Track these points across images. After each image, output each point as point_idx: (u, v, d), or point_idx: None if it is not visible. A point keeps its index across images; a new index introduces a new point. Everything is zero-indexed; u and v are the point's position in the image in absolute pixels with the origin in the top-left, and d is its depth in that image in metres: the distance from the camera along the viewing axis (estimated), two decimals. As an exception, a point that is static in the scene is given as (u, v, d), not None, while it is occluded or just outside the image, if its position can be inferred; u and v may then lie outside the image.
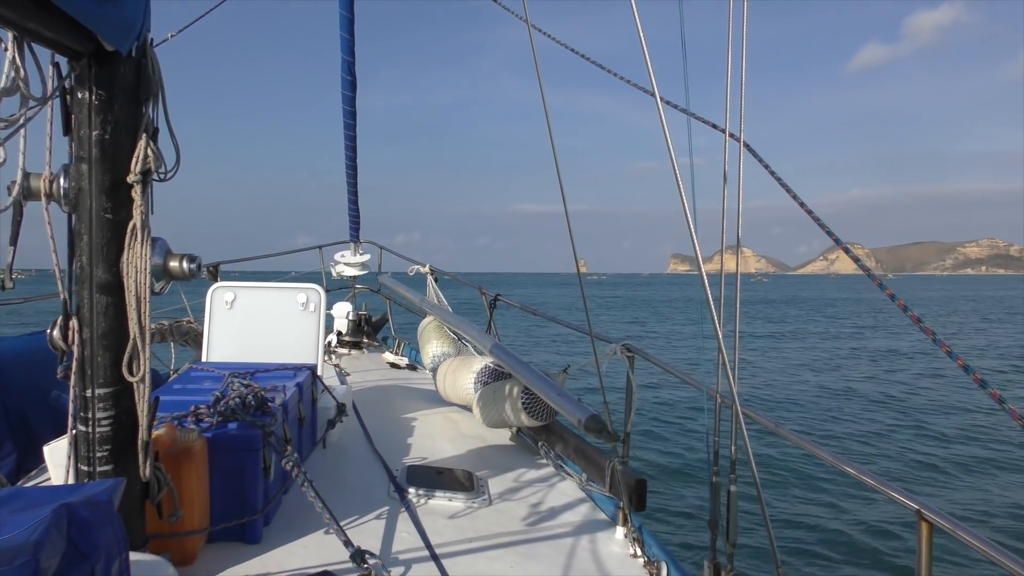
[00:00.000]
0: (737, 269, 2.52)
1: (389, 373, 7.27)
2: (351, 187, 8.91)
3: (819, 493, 9.67)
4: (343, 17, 7.31)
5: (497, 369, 4.83)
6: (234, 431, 2.95)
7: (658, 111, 2.32)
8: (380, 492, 3.61)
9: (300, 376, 3.99)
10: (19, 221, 2.17)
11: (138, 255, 2.19)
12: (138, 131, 2.22)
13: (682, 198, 2.28)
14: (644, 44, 2.26)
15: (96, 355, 2.25)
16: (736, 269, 2.53)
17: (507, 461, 4.30)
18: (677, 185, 2.25)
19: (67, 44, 1.98)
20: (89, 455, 2.29)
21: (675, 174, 2.27)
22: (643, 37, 2.27)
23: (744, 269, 2.58)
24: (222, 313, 5.05)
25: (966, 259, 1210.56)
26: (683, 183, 2.31)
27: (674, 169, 2.28)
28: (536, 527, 3.30)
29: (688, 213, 2.32)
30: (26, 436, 4.15)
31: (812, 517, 8.87)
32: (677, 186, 2.25)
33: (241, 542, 2.93)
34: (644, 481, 3.21)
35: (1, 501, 1.28)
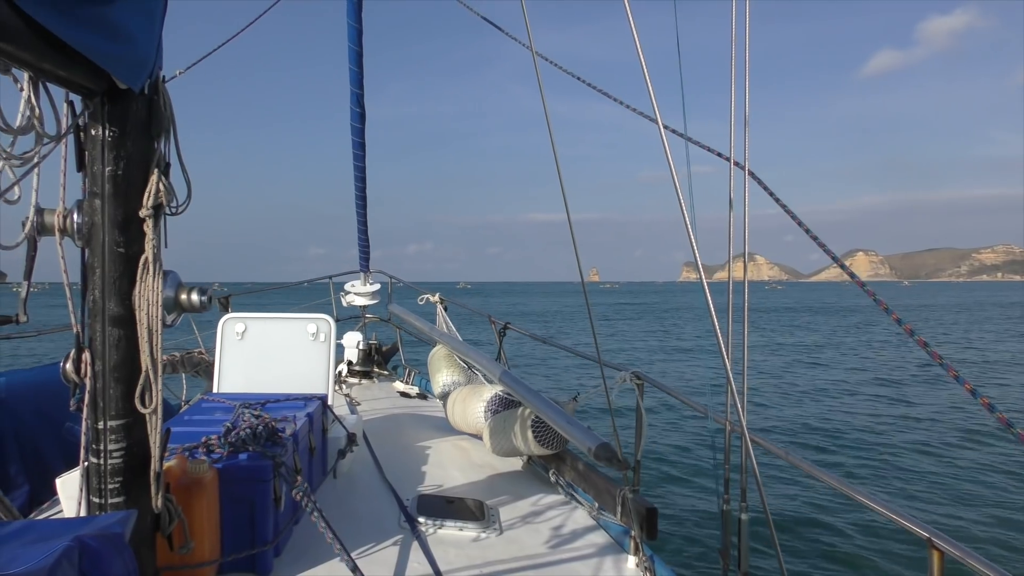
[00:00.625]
0: (746, 297, 2.53)
1: (400, 402, 7.28)
2: (361, 218, 8.97)
3: (830, 519, 9.58)
4: (352, 51, 7.41)
5: (507, 397, 4.83)
6: (245, 462, 2.96)
7: (660, 136, 2.34)
8: (391, 522, 3.61)
9: (311, 406, 4.00)
10: (33, 256, 2.21)
11: (150, 288, 2.22)
12: (150, 166, 2.26)
13: (684, 219, 2.30)
14: (645, 70, 2.29)
15: (108, 387, 2.27)
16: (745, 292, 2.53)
17: (518, 490, 4.29)
18: (680, 208, 2.27)
19: (81, 83, 2.02)
20: (101, 487, 2.30)
21: (679, 198, 2.29)
22: (644, 64, 2.30)
23: (758, 276, 2.61)
24: (233, 344, 5.08)
25: (981, 265, 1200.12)
26: (687, 202, 2.33)
27: (677, 193, 2.30)
28: (548, 556, 3.28)
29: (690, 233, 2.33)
30: (39, 468, 4.17)
31: (823, 543, 8.79)
32: (680, 209, 2.27)
33: (252, 573, 2.93)
34: (655, 509, 3.20)
35: (14, 534, 1.30)
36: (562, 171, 3.02)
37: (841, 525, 9.36)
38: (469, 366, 6.15)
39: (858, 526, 9.28)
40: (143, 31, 2.10)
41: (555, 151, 2.98)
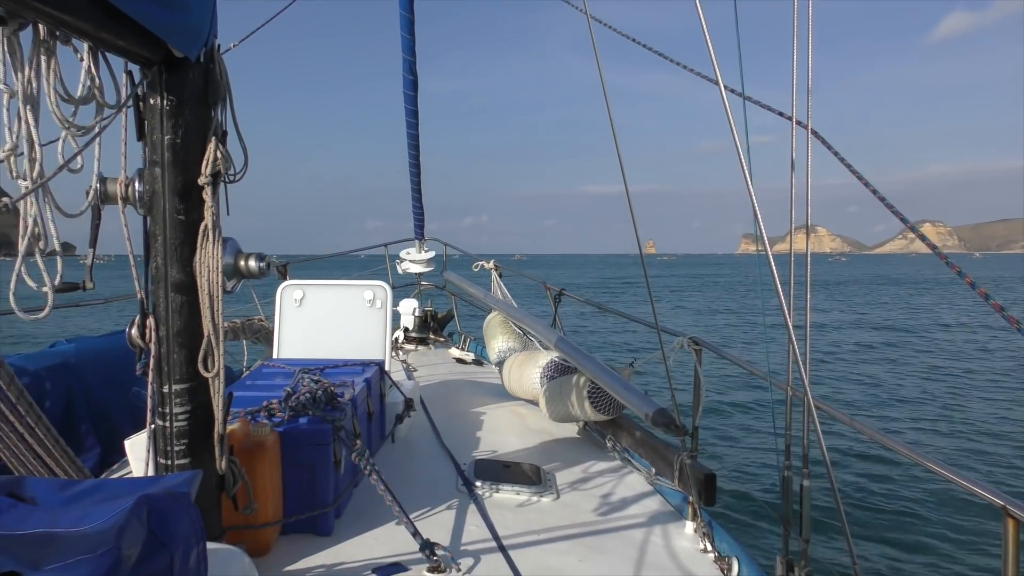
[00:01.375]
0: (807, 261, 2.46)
1: (455, 368, 7.33)
2: (415, 186, 9.00)
3: (896, 487, 9.40)
4: (403, 17, 7.38)
5: (563, 363, 4.83)
6: (305, 426, 3.02)
7: (722, 98, 2.28)
8: (448, 485, 3.65)
9: (368, 372, 4.05)
10: (97, 225, 2.26)
11: (210, 255, 2.26)
12: (207, 134, 2.29)
13: (747, 183, 2.24)
14: (706, 30, 2.23)
15: (172, 352, 2.33)
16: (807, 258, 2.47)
17: (574, 455, 4.30)
18: (743, 171, 2.21)
19: (139, 52, 2.05)
20: (167, 449, 2.37)
21: (740, 161, 2.24)
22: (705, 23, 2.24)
23: (819, 248, 2.55)
24: (291, 311, 5.16)
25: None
26: (747, 166, 2.27)
27: (739, 155, 2.24)
28: (604, 521, 3.29)
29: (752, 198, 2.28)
30: (108, 432, 4.31)
31: (888, 512, 8.63)
32: (743, 172, 2.21)
33: (313, 534, 2.99)
34: (713, 475, 3.18)
35: (85, 492, 1.34)
36: (619, 142, 2.97)
37: (907, 492, 9.19)
38: (524, 332, 6.16)
39: (926, 494, 9.09)
40: (197, 0, 2.12)
41: (612, 120, 2.93)
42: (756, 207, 2.24)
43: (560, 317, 6.34)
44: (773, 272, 2.25)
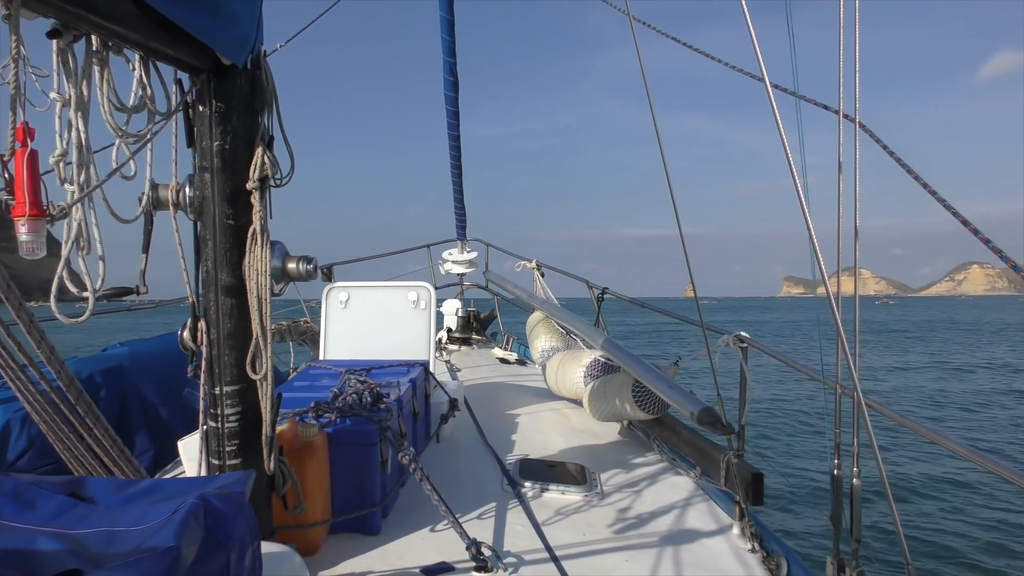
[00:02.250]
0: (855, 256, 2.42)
1: (499, 368, 7.35)
2: (456, 186, 9.05)
3: (950, 487, 9.21)
4: (443, 19, 7.43)
5: (607, 363, 4.82)
6: (352, 426, 3.05)
7: (768, 97, 2.25)
8: (493, 485, 3.66)
9: (413, 372, 4.08)
10: (150, 230, 2.31)
11: (258, 258, 2.29)
12: (255, 140, 2.33)
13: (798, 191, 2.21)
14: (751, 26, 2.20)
15: (223, 354, 2.37)
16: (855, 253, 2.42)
17: (619, 455, 4.28)
18: (792, 175, 2.18)
19: (188, 61, 2.09)
20: (219, 449, 2.41)
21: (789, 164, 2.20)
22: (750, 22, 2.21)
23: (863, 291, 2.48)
24: (337, 312, 5.22)
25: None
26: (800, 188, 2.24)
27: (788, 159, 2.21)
28: (650, 521, 3.27)
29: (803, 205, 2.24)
30: (162, 433, 4.40)
31: (942, 512, 8.45)
32: (792, 176, 2.19)
33: (361, 534, 3.02)
34: (760, 475, 3.14)
35: (143, 492, 1.37)
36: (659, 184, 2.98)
37: (964, 492, 8.99)
38: (567, 331, 6.15)
39: (982, 494, 8.89)
40: (244, 8, 2.15)
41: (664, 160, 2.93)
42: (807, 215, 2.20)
43: (603, 318, 6.32)
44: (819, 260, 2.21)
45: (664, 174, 2.91)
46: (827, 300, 2.32)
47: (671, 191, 3.01)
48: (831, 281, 2.33)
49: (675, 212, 2.99)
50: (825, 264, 2.29)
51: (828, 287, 2.31)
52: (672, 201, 2.99)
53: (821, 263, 2.24)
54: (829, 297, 2.32)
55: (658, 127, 2.99)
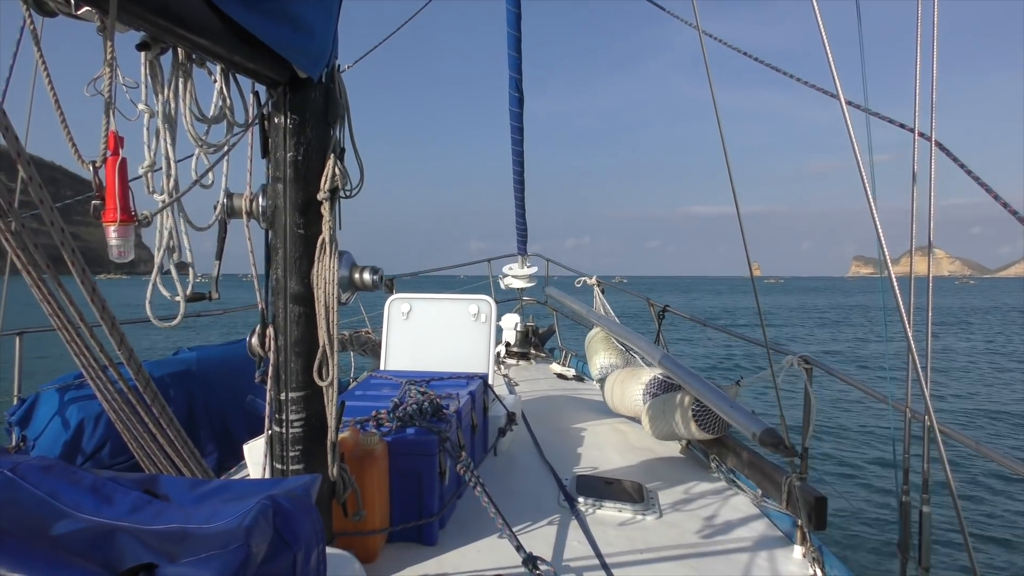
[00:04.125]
0: (929, 272, 2.37)
1: (557, 384, 7.33)
2: (519, 201, 9.08)
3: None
4: (511, 36, 7.50)
5: (666, 381, 4.77)
6: (412, 436, 3.08)
7: (842, 111, 2.22)
8: (550, 500, 3.65)
9: (472, 385, 4.10)
10: (224, 238, 2.37)
11: (327, 267, 2.34)
12: (327, 151, 2.38)
13: (867, 196, 2.17)
14: (825, 40, 2.18)
15: (290, 361, 2.42)
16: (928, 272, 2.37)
17: (677, 474, 4.23)
18: (863, 183, 2.15)
19: (267, 74, 2.15)
20: (283, 454, 2.46)
21: (860, 172, 2.17)
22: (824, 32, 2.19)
23: (937, 271, 2.42)
24: (399, 324, 5.28)
25: None
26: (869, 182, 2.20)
27: (859, 167, 2.17)
28: (709, 542, 3.22)
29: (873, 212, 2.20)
30: (225, 436, 4.50)
31: (1018, 543, 8.13)
32: (863, 184, 2.15)
33: (418, 543, 3.04)
34: (824, 498, 3.07)
35: (213, 491, 1.41)
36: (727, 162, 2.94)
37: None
38: (627, 348, 6.11)
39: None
40: (322, 23, 2.21)
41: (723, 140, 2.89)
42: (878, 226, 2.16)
43: (663, 334, 6.27)
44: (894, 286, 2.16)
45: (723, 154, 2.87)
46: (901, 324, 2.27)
47: (729, 170, 2.97)
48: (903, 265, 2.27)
49: (733, 192, 2.94)
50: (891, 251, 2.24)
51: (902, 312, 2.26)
52: (730, 180, 2.95)
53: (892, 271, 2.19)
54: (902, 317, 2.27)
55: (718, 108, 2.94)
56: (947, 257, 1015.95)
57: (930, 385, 2.37)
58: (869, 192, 2.14)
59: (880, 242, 2.17)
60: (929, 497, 2.66)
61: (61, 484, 1.31)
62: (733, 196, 2.93)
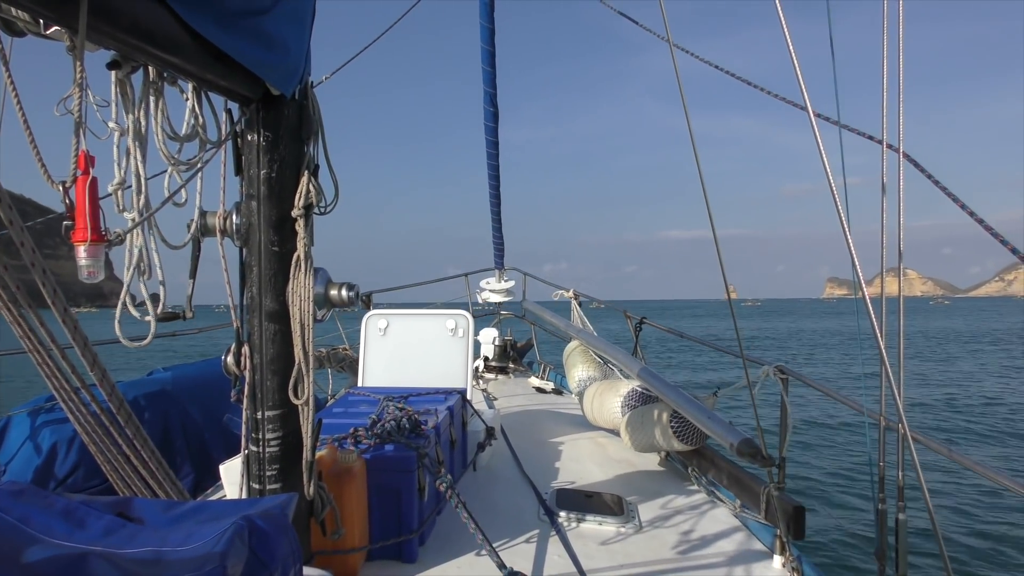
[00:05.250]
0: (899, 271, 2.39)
1: (535, 397, 7.33)
2: (495, 215, 9.11)
3: (998, 522, 8.95)
4: (484, 51, 7.54)
5: (644, 392, 4.79)
6: (391, 453, 3.06)
7: (811, 124, 2.25)
8: (530, 515, 3.64)
9: (451, 400, 4.09)
10: (197, 256, 2.36)
11: (302, 284, 2.33)
12: (301, 168, 2.37)
13: (839, 214, 2.20)
14: (793, 54, 2.21)
15: (266, 379, 2.40)
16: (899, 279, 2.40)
17: (657, 486, 4.24)
18: (834, 202, 2.17)
19: (239, 91, 2.14)
20: (260, 473, 2.44)
21: (831, 190, 2.19)
22: (792, 47, 2.22)
23: (909, 292, 2.46)
24: (376, 340, 5.26)
25: None
26: (839, 200, 2.23)
27: (830, 185, 2.20)
28: (689, 554, 3.23)
29: (844, 225, 2.22)
30: (202, 456, 4.45)
31: (990, 548, 8.20)
32: (834, 203, 2.17)
33: (398, 560, 3.02)
34: (802, 508, 3.09)
35: (188, 513, 1.39)
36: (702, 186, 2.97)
37: (1013, 529, 8.73)
38: (605, 361, 6.12)
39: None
40: (295, 40, 2.21)
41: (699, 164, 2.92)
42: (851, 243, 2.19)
43: (641, 346, 6.29)
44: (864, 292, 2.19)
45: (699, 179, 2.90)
46: (872, 331, 2.29)
47: (705, 194, 2.99)
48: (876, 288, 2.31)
49: (709, 215, 2.97)
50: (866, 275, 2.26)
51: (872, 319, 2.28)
52: (706, 204, 2.97)
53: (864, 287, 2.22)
54: (873, 327, 2.30)
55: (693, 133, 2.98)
56: (919, 277, 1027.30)
57: (903, 393, 2.39)
58: (840, 208, 2.17)
59: (852, 257, 2.19)
60: (904, 504, 2.68)
61: (32, 509, 1.29)
62: (710, 220, 2.96)
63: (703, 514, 3.75)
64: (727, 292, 3.06)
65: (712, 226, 2.95)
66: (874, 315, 2.25)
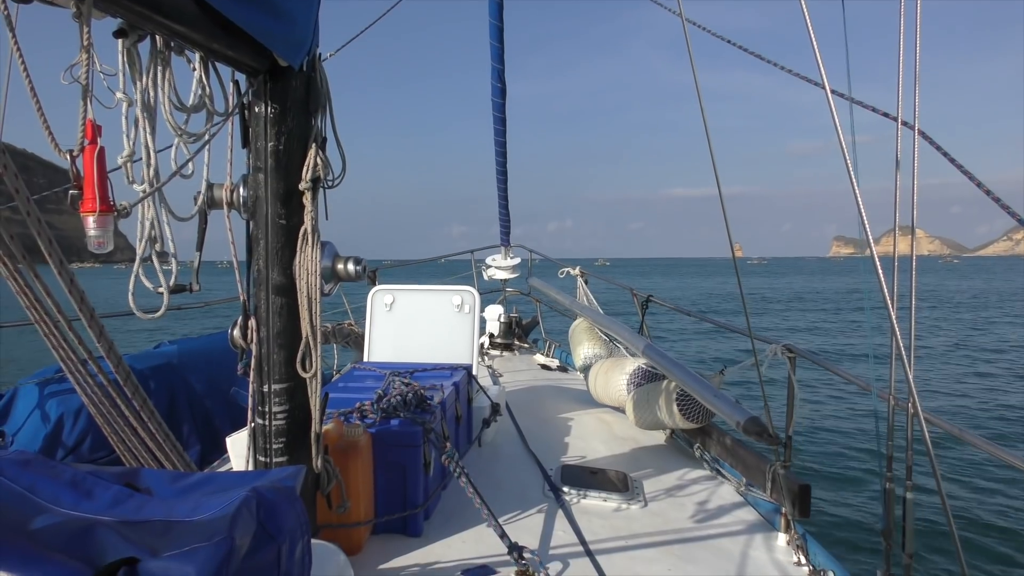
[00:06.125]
0: (913, 258, 2.38)
1: (540, 374, 7.34)
2: (502, 193, 9.07)
3: (1010, 502, 8.93)
4: (492, 26, 7.47)
5: (650, 370, 4.78)
6: (396, 427, 3.07)
7: (827, 99, 2.22)
8: (535, 490, 3.65)
9: (457, 376, 4.09)
10: (204, 229, 2.35)
11: (309, 258, 2.32)
12: (308, 141, 2.36)
13: (851, 180, 2.18)
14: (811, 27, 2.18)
15: (272, 353, 2.40)
16: (912, 259, 2.38)
17: (662, 463, 4.25)
18: (846, 167, 2.15)
19: (247, 62, 2.12)
20: (266, 446, 2.44)
21: (844, 156, 2.17)
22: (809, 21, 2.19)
23: (917, 251, 2.42)
24: (382, 315, 5.26)
25: None
26: (850, 166, 2.21)
27: (843, 151, 2.17)
28: (693, 530, 3.24)
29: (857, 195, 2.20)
30: (208, 430, 4.47)
31: (1001, 528, 8.19)
32: (846, 168, 2.15)
33: (403, 535, 3.03)
34: (808, 486, 3.09)
35: (196, 484, 1.39)
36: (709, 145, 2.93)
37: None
38: (610, 339, 6.12)
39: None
40: (303, 10, 2.19)
41: (705, 122, 2.90)
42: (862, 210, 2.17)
43: (647, 324, 6.28)
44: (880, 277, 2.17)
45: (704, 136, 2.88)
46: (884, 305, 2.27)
47: (711, 153, 2.97)
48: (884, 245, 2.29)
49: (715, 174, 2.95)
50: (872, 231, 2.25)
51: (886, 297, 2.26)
52: (712, 163, 2.95)
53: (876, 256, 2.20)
54: (885, 298, 2.28)
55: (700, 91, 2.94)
56: (926, 236, 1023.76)
57: (914, 371, 2.38)
58: (852, 176, 2.14)
59: (864, 225, 2.17)
60: (912, 484, 2.68)
61: (40, 479, 1.29)
62: (716, 180, 2.93)
63: (708, 491, 3.76)
64: (732, 254, 3.03)
65: (718, 185, 2.93)
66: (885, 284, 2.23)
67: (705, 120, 2.87)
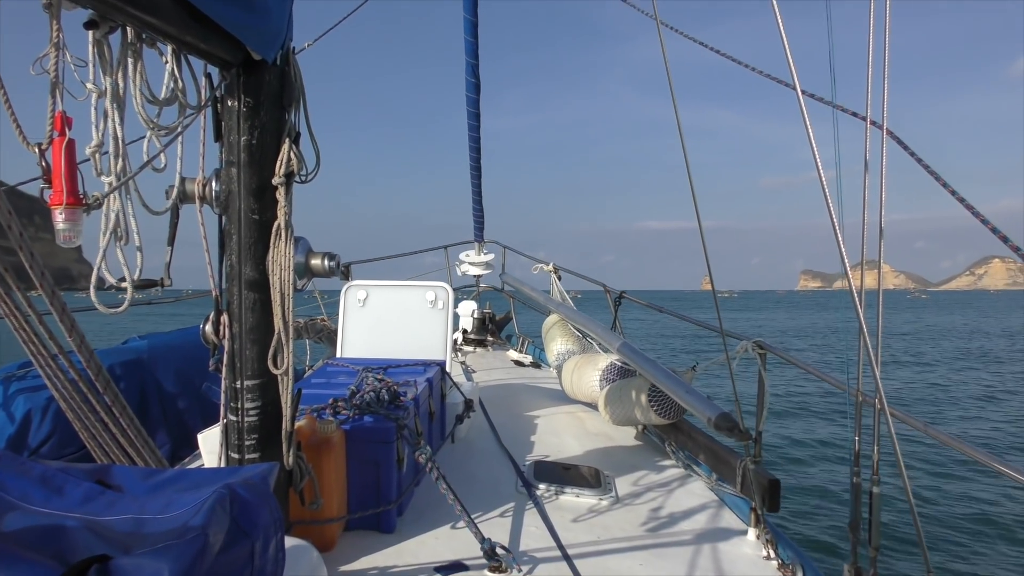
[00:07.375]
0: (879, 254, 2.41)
1: (514, 371, 7.35)
2: (475, 187, 9.06)
3: (972, 495, 9.10)
4: (467, 21, 7.47)
5: (623, 367, 4.81)
6: (370, 423, 3.06)
7: (799, 102, 2.24)
8: (508, 487, 3.66)
9: (430, 372, 4.09)
10: (176, 223, 2.32)
11: (282, 253, 2.30)
12: (282, 135, 2.34)
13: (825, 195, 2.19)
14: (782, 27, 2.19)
15: (245, 348, 2.38)
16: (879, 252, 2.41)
17: (634, 460, 4.27)
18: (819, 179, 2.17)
19: (219, 55, 2.10)
20: (239, 443, 2.42)
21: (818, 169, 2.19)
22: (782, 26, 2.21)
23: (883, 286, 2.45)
24: (355, 311, 5.24)
25: None
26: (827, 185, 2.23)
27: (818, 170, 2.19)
28: (665, 526, 3.26)
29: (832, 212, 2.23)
30: (179, 426, 4.42)
31: (963, 521, 8.35)
32: (819, 181, 2.17)
33: (376, 531, 3.02)
34: (777, 481, 3.12)
35: (168, 481, 1.38)
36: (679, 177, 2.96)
37: (985, 502, 8.89)
38: (583, 335, 6.14)
39: (1005, 503, 8.80)
40: (276, 4, 2.17)
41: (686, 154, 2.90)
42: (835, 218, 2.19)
43: (620, 322, 6.31)
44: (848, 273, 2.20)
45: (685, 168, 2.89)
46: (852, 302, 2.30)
47: (691, 184, 2.99)
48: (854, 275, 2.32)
49: (695, 205, 2.97)
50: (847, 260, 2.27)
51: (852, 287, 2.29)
52: (692, 194, 2.97)
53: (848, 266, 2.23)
54: (853, 297, 2.31)
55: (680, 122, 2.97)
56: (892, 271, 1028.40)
57: (880, 367, 2.41)
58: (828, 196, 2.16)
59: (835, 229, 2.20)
60: (879, 478, 2.71)
61: (9, 476, 1.27)
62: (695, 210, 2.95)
63: (679, 487, 3.79)
64: (710, 275, 3.06)
65: (697, 215, 2.95)
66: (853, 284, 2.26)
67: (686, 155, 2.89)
